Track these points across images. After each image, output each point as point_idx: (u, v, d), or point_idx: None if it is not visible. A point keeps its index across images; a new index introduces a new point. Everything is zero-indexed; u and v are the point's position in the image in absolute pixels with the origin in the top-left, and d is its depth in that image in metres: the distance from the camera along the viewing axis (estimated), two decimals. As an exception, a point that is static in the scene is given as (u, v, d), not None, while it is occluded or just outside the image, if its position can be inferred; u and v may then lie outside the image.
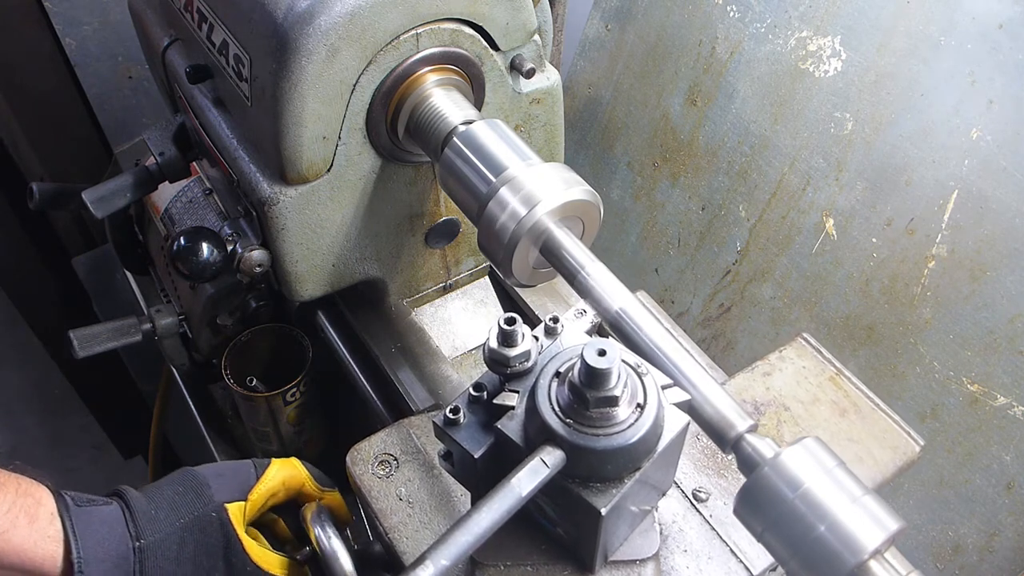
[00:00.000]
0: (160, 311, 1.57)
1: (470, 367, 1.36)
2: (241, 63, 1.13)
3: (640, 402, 0.77)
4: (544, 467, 0.75)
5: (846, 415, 1.10)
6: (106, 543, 0.93)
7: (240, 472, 1.06)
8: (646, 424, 0.76)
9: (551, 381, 0.79)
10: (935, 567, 1.69)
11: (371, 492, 1.05)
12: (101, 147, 2.45)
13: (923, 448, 1.08)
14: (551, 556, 0.88)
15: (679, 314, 2.15)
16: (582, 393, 0.75)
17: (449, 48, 1.11)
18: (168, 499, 1.00)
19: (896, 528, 0.71)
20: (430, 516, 1.03)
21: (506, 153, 1.01)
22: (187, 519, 0.99)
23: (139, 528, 0.95)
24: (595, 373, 0.74)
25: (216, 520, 1.00)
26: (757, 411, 1.11)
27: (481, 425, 0.83)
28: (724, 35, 1.98)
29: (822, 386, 1.13)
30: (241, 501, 1.03)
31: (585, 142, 2.36)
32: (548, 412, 0.77)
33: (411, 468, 1.07)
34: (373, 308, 1.38)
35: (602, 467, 0.77)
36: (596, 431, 0.75)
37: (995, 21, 1.56)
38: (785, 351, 1.18)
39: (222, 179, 1.31)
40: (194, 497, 1.01)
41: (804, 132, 1.85)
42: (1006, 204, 1.56)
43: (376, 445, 1.10)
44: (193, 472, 1.05)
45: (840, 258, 1.82)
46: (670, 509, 1.02)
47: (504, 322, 0.80)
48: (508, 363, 0.81)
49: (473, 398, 0.84)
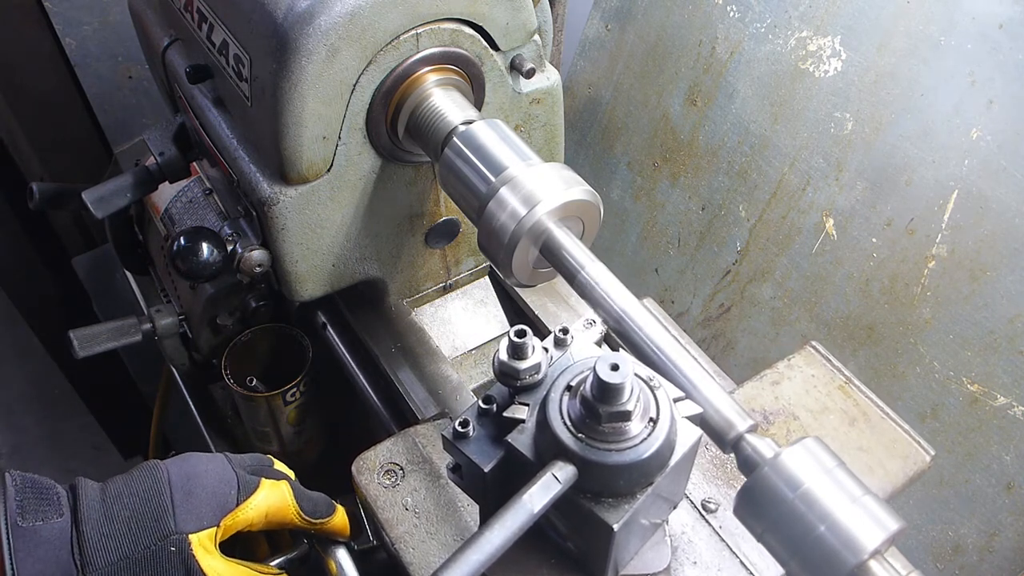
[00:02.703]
0: (160, 311, 1.57)
1: (470, 367, 1.36)
2: (241, 63, 1.13)
3: (653, 416, 0.76)
4: (556, 483, 0.73)
5: (855, 424, 1.09)
6: (47, 572, 0.85)
7: (218, 492, 0.94)
8: (659, 439, 0.75)
9: (562, 395, 0.78)
10: (935, 567, 1.69)
11: (377, 502, 1.04)
12: (101, 147, 2.45)
13: (933, 458, 1.07)
14: (561, 570, 0.86)
15: (679, 314, 2.15)
16: (594, 407, 0.74)
17: (449, 48, 1.11)
18: (124, 520, 0.89)
19: (896, 528, 0.71)
20: (436, 526, 1.02)
21: (506, 153, 1.01)
22: (140, 552, 0.88)
23: (84, 556, 0.86)
24: (608, 388, 0.72)
25: (175, 554, 0.89)
26: (766, 420, 1.10)
27: (491, 438, 0.82)
28: (724, 35, 1.98)
29: (831, 395, 1.12)
30: (211, 528, 0.92)
31: (585, 142, 2.36)
32: (560, 426, 0.76)
33: (417, 477, 1.06)
34: (373, 308, 1.38)
35: (614, 482, 0.75)
36: (608, 446, 0.74)
37: (995, 21, 1.56)
38: (794, 359, 1.17)
39: (222, 179, 1.31)
40: (152, 524, 0.89)
41: (804, 132, 1.85)
42: (1006, 204, 1.56)
43: (382, 454, 1.09)
44: (159, 487, 0.92)
45: (840, 258, 1.81)
46: (679, 520, 1.01)
47: (515, 335, 0.79)
48: (518, 376, 0.80)
49: (483, 411, 0.83)
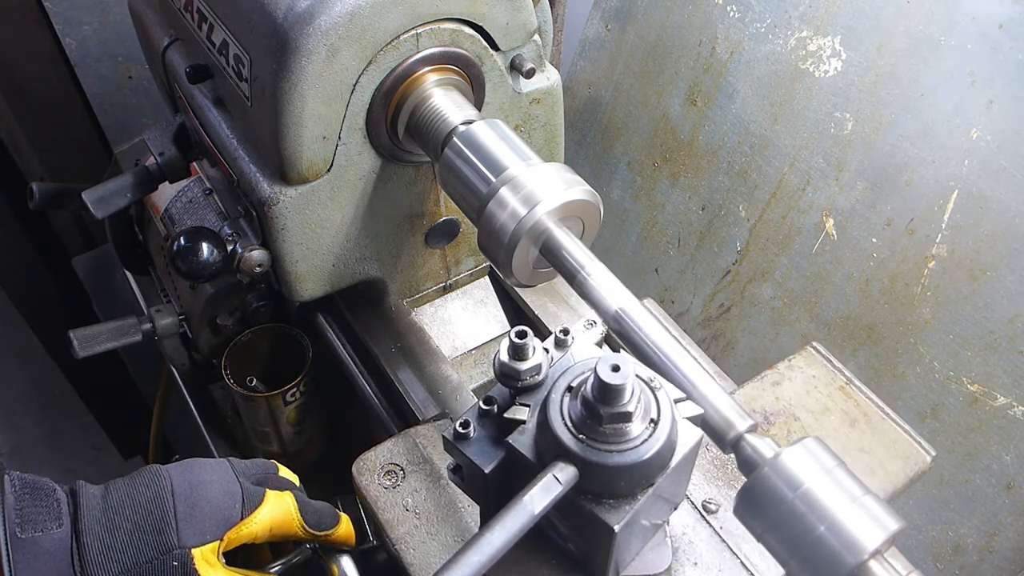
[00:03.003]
0: (160, 311, 1.57)
1: (470, 367, 1.36)
2: (241, 63, 1.13)
3: (654, 417, 0.76)
4: (557, 484, 0.73)
5: (856, 425, 1.09)
6: None
7: (222, 506, 0.94)
8: (660, 440, 0.75)
9: (563, 396, 0.78)
10: (935, 567, 1.69)
11: (377, 502, 1.04)
12: (101, 147, 2.45)
13: (934, 458, 1.07)
14: (562, 571, 0.86)
15: (679, 314, 2.15)
16: (595, 408, 0.74)
17: (449, 48, 1.11)
18: (126, 532, 0.88)
19: (896, 528, 0.71)
20: (437, 527, 1.02)
21: (506, 153, 1.01)
22: (142, 566, 0.87)
23: (85, 568, 0.86)
24: (609, 389, 0.72)
25: (178, 568, 0.89)
26: (767, 421, 1.10)
27: (491, 439, 0.82)
28: (724, 35, 1.98)
29: (832, 396, 1.12)
30: (214, 542, 0.92)
31: (585, 142, 2.36)
32: (560, 427, 0.76)
33: (418, 478, 1.06)
34: (373, 308, 1.38)
35: (615, 483, 0.75)
36: (609, 447, 0.74)
37: (995, 21, 1.56)
38: (794, 360, 1.17)
39: (222, 179, 1.31)
40: (155, 537, 0.89)
41: (804, 132, 1.85)
42: (1006, 204, 1.56)
43: (382, 454, 1.09)
44: (162, 498, 0.92)
45: (840, 258, 1.81)
46: (680, 521, 1.01)
47: (515, 335, 0.79)
48: (519, 376, 0.80)
49: (483, 412, 0.83)
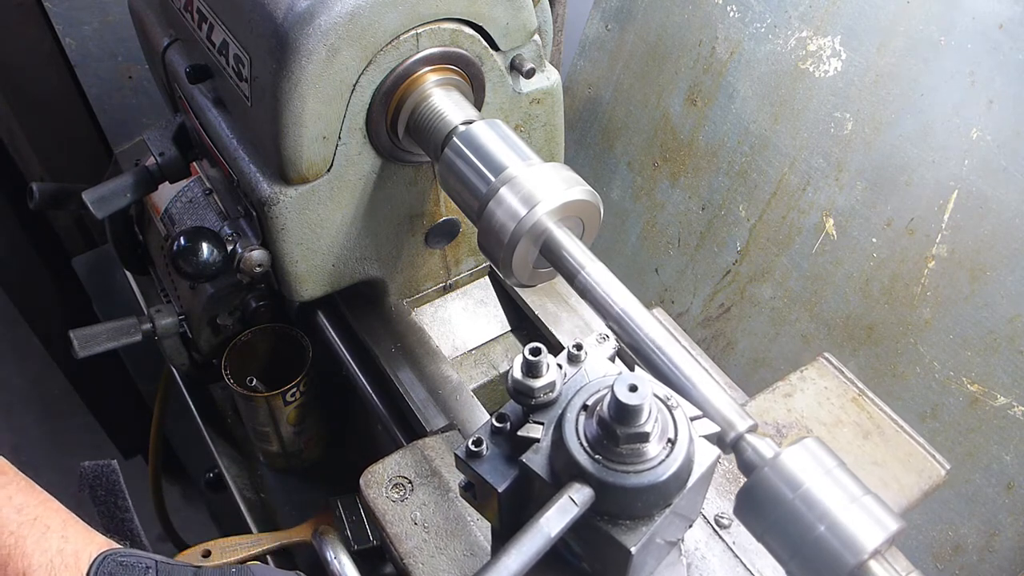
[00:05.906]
0: (160, 311, 1.57)
1: (470, 367, 1.36)
2: (241, 63, 1.13)
3: (671, 437, 0.75)
4: (573, 506, 0.72)
5: (870, 437, 1.08)
6: None
7: None
8: (677, 460, 0.73)
9: (578, 415, 0.76)
10: (935, 567, 1.69)
11: (385, 516, 1.03)
12: (101, 147, 2.44)
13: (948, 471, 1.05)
14: None
15: (679, 314, 2.15)
16: (612, 429, 0.72)
17: (449, 48, 1.11)
18: None
19: (896, 528, 0.71)
20: (446, 541, 1.01)
21: (506, 153, 1.01)
22: None
23: None
24: (626, 409, 0.71)
25: None
26: (779, 433, 1.08)
27: (504, 458, 0.80)
28: (724, 35, 1.98)
29: (845, 407, 1.11)
30: None
31: (585, 142, 2.36)
32: (576, 448, 0.74)
33: (426, 492, 1.05)
34: (373, 308, 1.38)
35: (632, 505, 0.74)
36: (626, 468, 0.73)
37: (995, 21, 1.56)
38: (807, 371, 1.15)
39: (222, 179, 1.31)
40: None
41: (804, 132, 1.85)
42: (1006, 204, 1.56)
43: (390, 467, 1.08)
44: None
45: (840, 258, 1.81)
46: (693, 536, 1.00)
47: (529, 352, 0.78)
48: (533, 394, 0.79)
49: (496, 429, 0.81)
